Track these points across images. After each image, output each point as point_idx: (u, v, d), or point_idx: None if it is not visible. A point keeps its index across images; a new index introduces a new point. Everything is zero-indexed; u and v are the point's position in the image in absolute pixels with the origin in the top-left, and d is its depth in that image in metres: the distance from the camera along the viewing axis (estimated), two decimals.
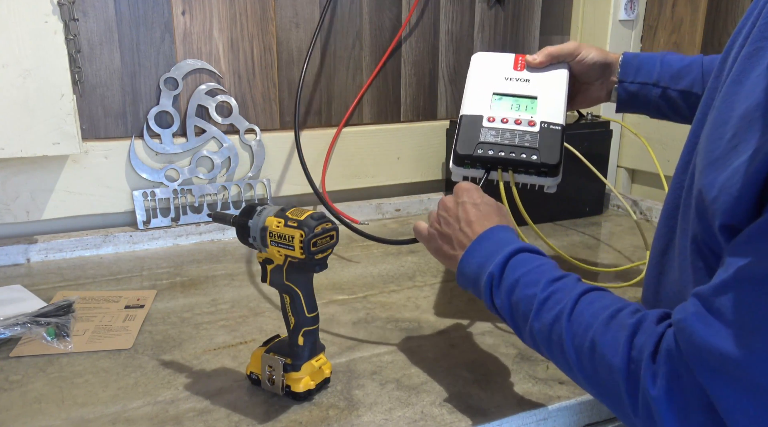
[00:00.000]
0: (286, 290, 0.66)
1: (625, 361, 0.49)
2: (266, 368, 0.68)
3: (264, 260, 0.67)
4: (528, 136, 0.77)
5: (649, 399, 0.47)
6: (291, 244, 0.63)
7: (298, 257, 0.63)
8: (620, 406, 0.51)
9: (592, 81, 0.84)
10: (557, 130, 0.77)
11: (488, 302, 0.63)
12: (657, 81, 0.80)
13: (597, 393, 0.54)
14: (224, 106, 1.20)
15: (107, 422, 0.64)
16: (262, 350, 0.70)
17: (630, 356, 0.49)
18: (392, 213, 1.36)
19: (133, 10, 1.10)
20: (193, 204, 1.19)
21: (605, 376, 0.51)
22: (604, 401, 0.54)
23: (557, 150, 0.76)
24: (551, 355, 0.58)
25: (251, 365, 0.70)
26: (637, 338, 0.49)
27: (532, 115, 0.78)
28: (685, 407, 0.45)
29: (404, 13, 1.32)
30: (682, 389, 0.45)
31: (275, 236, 0.64)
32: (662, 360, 0.47)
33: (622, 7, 1.39)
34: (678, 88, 0.79)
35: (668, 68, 0.80)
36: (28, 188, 1.08)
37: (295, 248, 0.63)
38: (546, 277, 0.59)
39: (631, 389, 0.49)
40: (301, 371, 0.67)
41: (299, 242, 0.62)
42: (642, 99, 0.82)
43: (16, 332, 0.79)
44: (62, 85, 0.98)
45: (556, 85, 0.82)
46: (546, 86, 0.82)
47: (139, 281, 0.99)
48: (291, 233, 0.63)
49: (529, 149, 0.77)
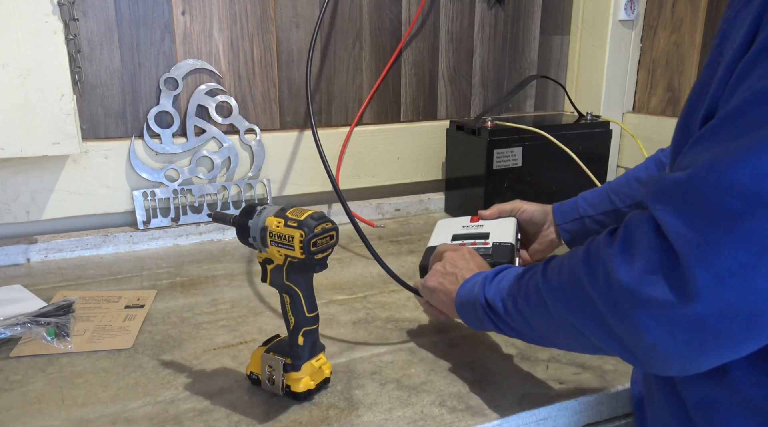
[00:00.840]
0: (286, 290, 0.66)
1: (584, 252, 0.53)
2: (266, 368, 0.68)
3: (264, 259, 0.67)
4: (482, 249, 0.90)
5: (605, 258, 0.49)
6: (291, 244, 0.63)
7: (298, 256, 0.63)
8: (588, 304, 0.51)
9: (538, 229, 1.00)
10: (508, 245, 0.90)
11: (482, 300, 0.66)
12: (582, 214, 0.95)
13: (569, 309, 0.54)
14: (224, 106, 1.20)
15: (107, 422, 0.64)
16: (262, 350, 0.70)
17: (587, 249, 0.53)
18: (392, 213, 1.36)
19: (133, 10, 1.10)
20: (193, 204, 1.19)
21: (569, 280, 0.53)
22: (575, 312, 0.54)
23: (507, 255, 0.88)
24: (532, 310, 0.60)
25: (251, 365, 0.70)
26: (592, 247, 0.53)
27: (485, 241, 0.93)
28: (633, 252, 0.47)
29: (404, 14, 1.32)
30: (631, 238, 0.48)
31: (275, 236, 0.64)
32: (617, 232, 0.50)
33: (622, 7, 1.39)
34: (600, 211, 0.94)
35: (584, 201, 0.96)
36: (28, 188, 1.08)
37: (295, 248, 0.63)
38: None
39: (589, 265, 0.51)
40: (301, 371, 0.67)
41: (299, 242, 0.62)
42: (583, 231, 0.96)
43: (16, 332, 0.79)
44: (62, 85, 0.98)
45: (506, 226, 0.98)
46: (497, 228, 0.98)
47: (139, 281, 0.99)
48: (291, 233, 0.63)
49: (484, 255, 0.89)
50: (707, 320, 0.43)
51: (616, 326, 0.49)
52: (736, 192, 0.40)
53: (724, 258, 0.41)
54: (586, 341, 0.54)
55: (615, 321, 0.49)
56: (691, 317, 0.43)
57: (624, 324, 0.48)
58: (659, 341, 0.46)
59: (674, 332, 0.45)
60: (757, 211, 0.39)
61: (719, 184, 0.41)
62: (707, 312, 0.43)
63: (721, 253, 0.41)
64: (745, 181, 0.40)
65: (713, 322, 0.43)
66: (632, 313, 0.46)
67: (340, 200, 0.89)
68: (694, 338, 0.44)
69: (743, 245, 0.40)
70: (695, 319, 0.43)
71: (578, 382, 0.72)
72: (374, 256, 0.81)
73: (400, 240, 1.21)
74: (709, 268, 0.41)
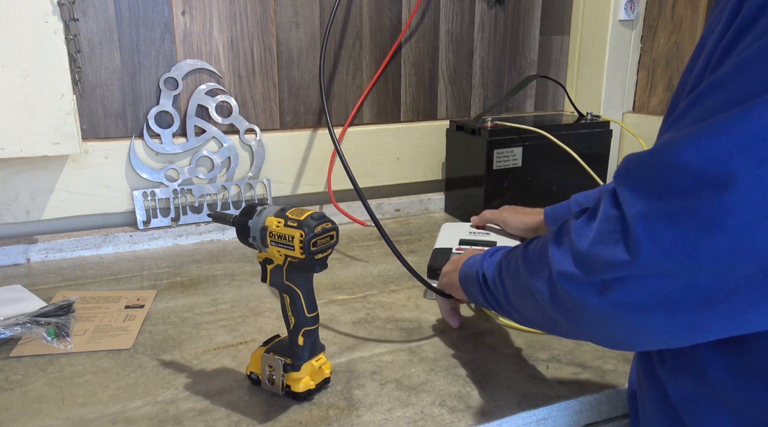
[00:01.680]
0: (286, 290, 0.66)
1: (556, 230, 0.55)
2: (266, 368, 0.68)
3: (264, 259, 0.67)
4: None
5: (568, 227, 0.52)
6: (291, 244, 0.63)
7: (298, 256, 0.63)
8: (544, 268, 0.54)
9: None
10: None
11: (479, 271, 0.69)
12: None
13: (529, 273, 0.57)
14: (224, 106, 1.20)
15: (107, 422, 0.64)
16: (262, 350, 0.70)
17: (558, 229, 0.55)
18: (392, 213, 1.36)
19: (133, 10, 1.10)
20: (193, 204, 1.19)
21: (538, 249, 0.56)
22: (533, 276, 0.56)
23: None
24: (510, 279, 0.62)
25: (251, 365, 0.70)
26: (566, 223, 0.55)
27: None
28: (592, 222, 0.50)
29: (404, 14, 1.32)
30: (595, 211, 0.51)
31: (275, 236, 0.64)
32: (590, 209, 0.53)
33: (622, 7, 1.39)
34: None
35: (577, 205, 0.93)
36: (28, 188, 1.08)
37: (295, 248, 0.63)
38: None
39: (558, 233, 0.54)
40: (301, 371, 0.67)
41: (299, 242, 0.62)
42: None
43: (16, 332, 0.79)
44: (62, 85, 0.98)
45: (513, 238, 1.00)
46: (504, 238, 1.01)
47: (139, 281, 0.99)
48: (291, 233, 0.63)
49: None
50: (649, 284, 0.45)
51: (560, 292, 0.52)
52: (686, 171, 0.42)
53: (671, 233, 0.43)
54: (542, 309, 0.56)
55: (558, 286, 0.52)
56: (634, 281, 0.45)
57: (563, 291, 0.51)
58: (592, 305, 0.49)
59: (616, 295, 0.47)
60: (703, 190, 0.41)
61: (672, 163, 0.43)
62: (650, 276, 0.45)
63: (667, 226, 0.43)
64: (695, 161, 0.41)
65: (654, 287, 0.45)
66: (573, 279, 0.50)
67: (359, 197, 0.89)
68: (636, 302, 0.46)
69: (690, 222, 0.42)
70: (638, 282, 0.45)
71: (578, 382, 0.72)
72: (397, 255, 0.80)
73: (400, 240, 1.21)
74: (656, 240, 0.44)
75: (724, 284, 0.42)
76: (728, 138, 0.40)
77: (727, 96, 0.42)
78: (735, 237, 0.41)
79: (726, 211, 0.40)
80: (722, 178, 0.40)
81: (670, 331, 0.47)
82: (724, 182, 0.40)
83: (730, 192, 0.40)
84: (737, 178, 0.40)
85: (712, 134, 0.41)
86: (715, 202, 0.41)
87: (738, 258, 0.41)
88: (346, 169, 0.94)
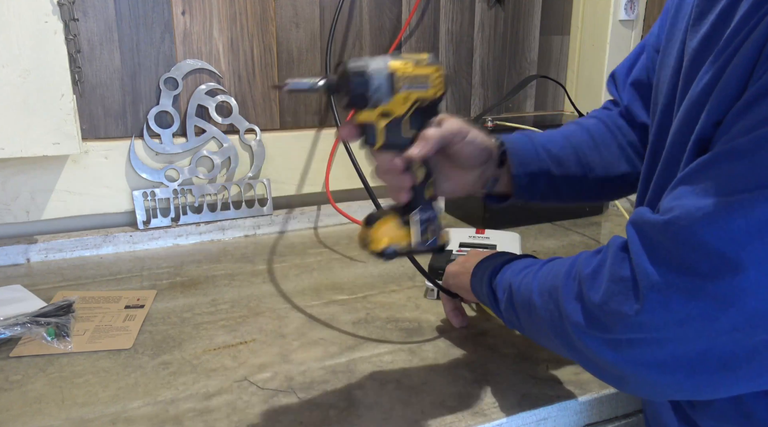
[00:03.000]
0: (405, 145, 0.62)
1: (567, 270, 0.55)
2: (417, 225, 0.64)
3: (379, 114, 0.60)
4: None
5: (581, 278, 0.52)
6: (426, 83, 0.61)
7: (433, 96, 0.61)
8: (557, 314, 0.54)
9: (474, 166, 0.72)
10: None
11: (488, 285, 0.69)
12: (543, 170, 0.75)
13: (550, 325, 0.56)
14: (224, 106, 1.20)
15: (107, 422, 0.64)
16: (388, 220, 0.65)
17: (573, 263, 0.55)
18: None
19: (133, 10, 1.10)
20: (193, 204, 1.19)
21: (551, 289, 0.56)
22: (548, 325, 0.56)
23: None
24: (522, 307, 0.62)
25: (377, 242, 0.64)
26: (577, 262, 0.55)
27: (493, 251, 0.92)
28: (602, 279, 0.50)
29: (404, 14, 1.32)
30: (603, 265, 0.50)
31: (408, 79, 0.60)
32: (600, 254, 0.52)
33: (622, 7, 1.39)
34: (565, 174, 0.77)
35: (547, 156, 0.76)
36: (28, 188, 1.08)
37: (434, 86, 0.61)
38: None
39: (567, 279, 0.54)
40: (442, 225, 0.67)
41: (437, 78, 0.61)
42: (530, 191, 0.77)
43: (16, 332, 0.79)
44: (62, 85, 0.98)
45: (512, 239, 0.98)
46: (504, 240, 0.99)
47: (139, 281, 0.99)
48: (426, 72, 0.61)
49: None
50: (666, 346, 0.45)
51: (576, 342, 0.52)
52: (703, 251, 0.42)
53: (687, 306, 0.43)
54: (562, 351, 0.56)
55: (574, 337, 0.52)
56: (651, 343, 0.45)
57: (580, 343, 0.51)
58: (610, 361, 0.49)
59: (633, 353, 0.47)
60: (721, 272, 0.41)
61: (689, 242, 0.42)
62: (666, 340, 0.45)
63: (683, 300, 0.43)
64: (712, 242, 0.41)
65: (671, 349, 0.45)
66: (589, 334, 0.50)
67: (369, 195, 0.89)
68: (654, 361, 0.46)
69: (708, 300, 0.42)
70: (655, 344, 0.45)
71: (578, 382, 0.72)
72: (411, 260, 0.80)
73: None
74: (671, 311, 0.43)
75: (743, 348, 0.43)
76: (746, 220, 0.40)
77: (745, 171, 0.41)
78: (753, 313, 0.41)
79: (743, 292, 0.40)
80: (740, 261, 0.40)
81: (693, 388, 0.46)
82: (742, 265, 0.40)
83: (748, 275, 0.40)
84: (755, 261, 0.40)
85: (730, 216, 0.41)
86: (732, 283, 0.41)
87: (756, 328, 0.41)
88: (356, 168, 0.94)
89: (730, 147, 0.43)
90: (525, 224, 1.29)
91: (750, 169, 0.41)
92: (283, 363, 0.75)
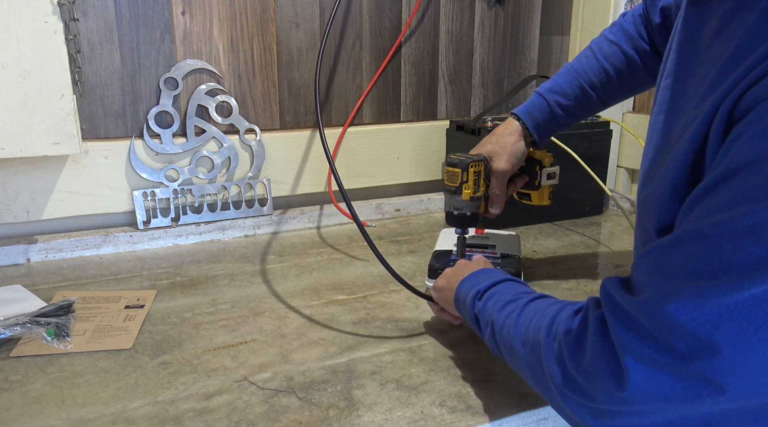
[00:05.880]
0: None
1: (549, 323, 0.56)
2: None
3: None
4: (491, 259, 0.94)
5: (561, 343, 0.53)
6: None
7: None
8: (540, 370, 0.55)
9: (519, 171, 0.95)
10: (515, 257, 0.95)
11: (471, 311, 0.70)
12: (560, 124, 0.93)
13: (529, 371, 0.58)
14: (224, 106, 1.20)
15: (107, 422, 0.64)
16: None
17: (553, 320, 0.56)
18: (392, 213, 1.36)
19: (133, 10, 1.10)
20: (193, 204, 1.19)
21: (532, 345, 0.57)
22: (531, 376, 0.58)
23: (515, 266, 0.92)
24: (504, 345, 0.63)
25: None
26: (557, 320, 0.56)
27: (493, 251, 0.97)
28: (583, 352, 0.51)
29: (404, 14, 1.32)
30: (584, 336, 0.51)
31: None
32: (577, 319, 0.53)
33: (622, 7, 1.39)
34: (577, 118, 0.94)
35: (560, 108, 0.91)
36: (28, 188, 1.08)
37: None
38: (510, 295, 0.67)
39: (548, 338, 0.55)
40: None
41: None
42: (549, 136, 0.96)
43: (16, 332, 0.79)
44: (62, 85, 0.98)
45: (511, 239, 1.02)
46: (503, 240, 1.01)
47: (139, 281, 0.99)
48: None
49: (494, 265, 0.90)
50: (646, 416, 0.47)
51: (559, 402, 0.53)
52: (680, 333, 0.43)
53: (668, 382, 0.44)
54: (538, 391, 0.58)
55: (557, 397, 0.53)
56: (631, 414, 0.47)
57: (563, 403, 0.53)
58: (591, 425, 0.51)
59: (613, 422, 0.49)
60: (698, 353, 0.42)
61: (664, 323, 0.44)
62: (647, 411, 0.46)
63: (665, 376, 0.44)
64: (687, 325, 0.43)
65: (651, 419, 0.47)
66: (571, 398, 0.51)
67: (344, 200, 0.90)
68: None
69: (689, 378, 0.43)
70: (635, 415, 0.47)
71: None
72: (383, 263, 0.81)
73: (400, 240, 1.21)
74: (653, 385, 0.45)
75: (723, 413, 0.45)
76: (717, 303, 0.41)
77: (710, 256, 0.42)
78: (733, 389, 0.42)
79: (722, 372, 0.42)
80: (715, 342, 0.41)
81: None
82: (718, 346, 0.41)
83: (724, 355, 0.41)
84: (729, 342, 0.41)
85: (701, 300, 0.42)
86: (711, 364, 0.42)
87: (737, 400, 0.43)
88: (333, 170, 0.93)
89: (693, 230, 0.44)
90: (525, 224, 1.29)
91: (714, 255, 0.42)
92: (283, 363, 0.76)
